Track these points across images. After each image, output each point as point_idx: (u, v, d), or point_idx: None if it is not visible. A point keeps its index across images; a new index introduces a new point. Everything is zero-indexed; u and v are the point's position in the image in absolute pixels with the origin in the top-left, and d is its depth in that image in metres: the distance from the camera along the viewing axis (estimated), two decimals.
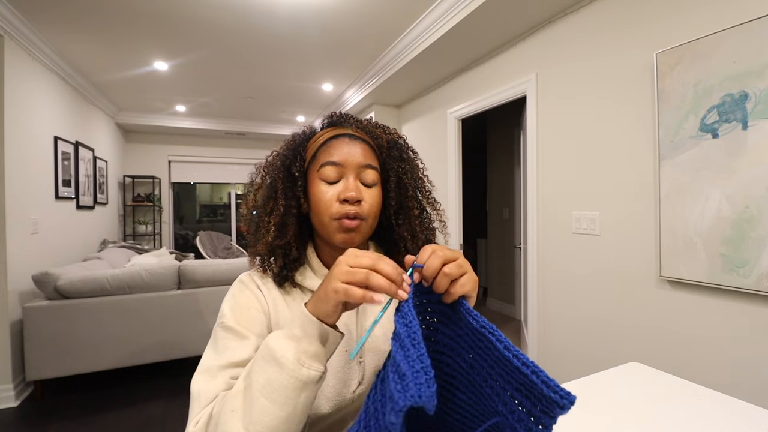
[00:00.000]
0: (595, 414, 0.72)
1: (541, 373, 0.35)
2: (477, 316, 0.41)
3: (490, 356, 0.40)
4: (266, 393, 0.44)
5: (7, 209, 2.19)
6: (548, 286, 2.09)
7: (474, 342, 0.42)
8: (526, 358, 0.36)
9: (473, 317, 0.41)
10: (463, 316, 0.42)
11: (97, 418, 2.07)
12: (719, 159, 1.32)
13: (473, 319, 0.41)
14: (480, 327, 0.40)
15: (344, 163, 0.61)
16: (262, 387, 0.45)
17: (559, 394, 0.34)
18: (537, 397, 0.35)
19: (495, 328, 0.39)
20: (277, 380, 0.44)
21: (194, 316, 2.52)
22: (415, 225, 0.67)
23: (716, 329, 1.36)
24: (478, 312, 0.42)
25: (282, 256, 0.63)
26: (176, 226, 5.59)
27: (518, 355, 0.36)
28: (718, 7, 1.34)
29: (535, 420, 0.36)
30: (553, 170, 2.05)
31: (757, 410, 0.71)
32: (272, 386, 0.44)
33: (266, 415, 0.44)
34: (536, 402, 0.35)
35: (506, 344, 0.38)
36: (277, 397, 0.44)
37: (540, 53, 2.12)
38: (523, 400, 0.37)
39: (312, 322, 0.46)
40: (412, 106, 3.60)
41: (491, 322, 0.40)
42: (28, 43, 2.39)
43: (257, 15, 2.24)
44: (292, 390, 0.44)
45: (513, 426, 0.37)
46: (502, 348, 0.37)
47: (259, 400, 0.44)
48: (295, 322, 0.47)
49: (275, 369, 0.45)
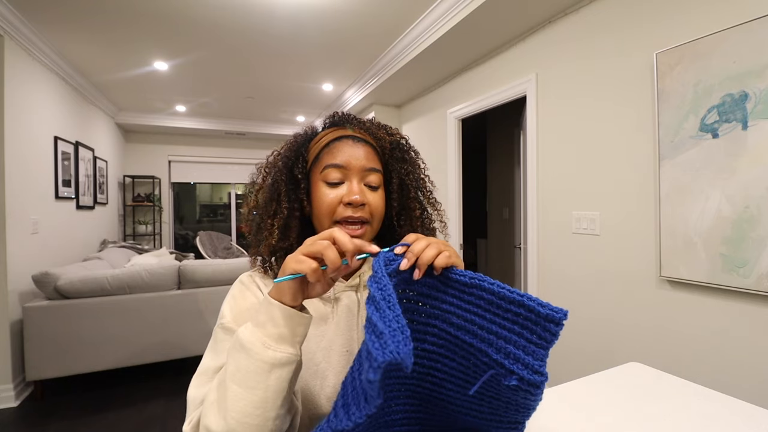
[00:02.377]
0: (595, 414, 0.72)
1: (535, 297, 0.39)
2: (465, 272, 0.44)
3: (481, 305, 0.42)
4: (236, 379, 0.45)
5: (7, 209, 2.19)
6: (548, 286, 2.09)
7: (463, 299, 0.44)
8: (518, 290, 0.40)
9: (461, 275, 0.44)
10: (450, 280, 0.45)
11: (97, 418, 2.07)
12: (719, 159, 1.32)
13: (461, 275, 0.44)
14: (470, 279, 0.43)
15: (348, 165, 0.61)
16: (233, 375, 0.46)
17: (553, 311, 0.38)
18: (532, 324, 0.39)
19: (483, 275, 0.42)
20: (245, 366, 0.45)
21: (194, 316, 2.52)
22: (417, 226, 0.67)
23: (716, 329, 1.36)
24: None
25: (284, 258, 0.63)
26: (176, 226, 5.59)
27: (511, 289, 0.40)
28: (718, 7, 1.34)
29: (530, 355, 0.39)
30: (553, 170, 2.05)
31: (757, 410, 0.71)
32: (241, 372, 0.45)
33: (239, 401, 0.45)
34: (531, 333, 0.39)
35: (498, 284, 0.41)
36: (248, 381, 0.45)
37: (540, 53, 2.12)
38: (517, 338, 0.40)
39: (274, 306, 0.47)
40: (412, 106, 3.60)
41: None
42: (28, 43, 2.38)
43: (257, 15, 2.24)
44: (259, 373, 0.45)
45: (510, 369, 0.39)
46: (496, 287, 0.41)
47: (231, 388, 0.45)
48: (260, 309, 0.48)
49: (243, 356, 0.46)
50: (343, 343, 0.62)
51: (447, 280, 0.45)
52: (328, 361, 0.61)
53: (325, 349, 0.62)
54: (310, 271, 0.44)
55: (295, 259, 0.46)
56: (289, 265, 0.46)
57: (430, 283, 0.46)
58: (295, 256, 0.46)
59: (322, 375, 0.60)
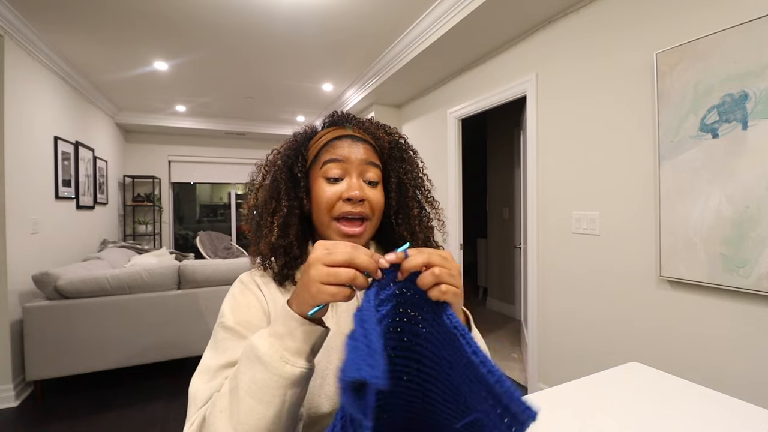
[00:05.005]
0: (595, 414, 0.72)
1: (506, 383, 0.33)
2: (452, 317, 0.41)
3: (460, 361, 0.39)
4: (252, 392, 0.44)
5: (7, 209, 2.19)
6: (548, 286, 2.09)
7: (449, 342, 0.41)
8: (493, 366, 0.35)
9: (448, 316, 0.41)
10: (441, 315, 0.42)
11: (97, 418, 2.07)
12: (719, 159, 1.32)
13: (448, 318, 0.41)
14: (452, 328, 0.40)
15: (347, 161, 0.62)
16: (248, 387, 0.44)
17: (520, 408, 0.32)
18: (500, 407, 0.34)
19: (467, 331, 0.39)
20: (262, 379, 0.44)
21: (194, 316, 2.51)
22: (414, 224, 0.68)
23: (716, 329, 1.36)
24: (455, 315, 0.42)
25: (284, 255, 0.63)
26: (176, 226, 5.59)
27: (485, 361, 0.35)
28: (718, 7, 1.34)
29: (507, 424, 0.34)
30: (553, 170, 2.05)
31: (757, 410, 0.70)
32: (257, 385, 0.44)
33: (253, 414, 0.44)
34: (497, 414, 0.34)
35: (475, 349, 0.37)
36: (263, 396, 0.44)
37: (540, 53, 2.12)
38: (488, 410, 0.35)
39: (295, 320, 0.45)
40: (412, 106, 3.60)
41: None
42: (28, 43, 2.38)
43: (257, 15, 2.24)
44: (277, 388, 0.44)
45: (491, 427, 0.36)
46: (470, 352, 0.36)
47: (245, 400, 0.44)
48: (278, 319, 0.47)
49: (259, 368, 0.44)
50: (343, 342, 0.62)
51: (438, 316, 0.43)
52: (328, 360, 0.61)
53: (325, 348, 0.62)
54: (344, 298, 0.43)
55: (327, 292, 0.42)
56: (320, 297, 0.43)
57: (430, 309, 0.44)
58: (322, 288, 0.42)
59: (321, 374, 0.60)
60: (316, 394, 0.60)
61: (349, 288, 0.43)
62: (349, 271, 0.42)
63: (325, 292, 0.42)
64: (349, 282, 0.42)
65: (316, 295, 0.43)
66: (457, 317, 0.41)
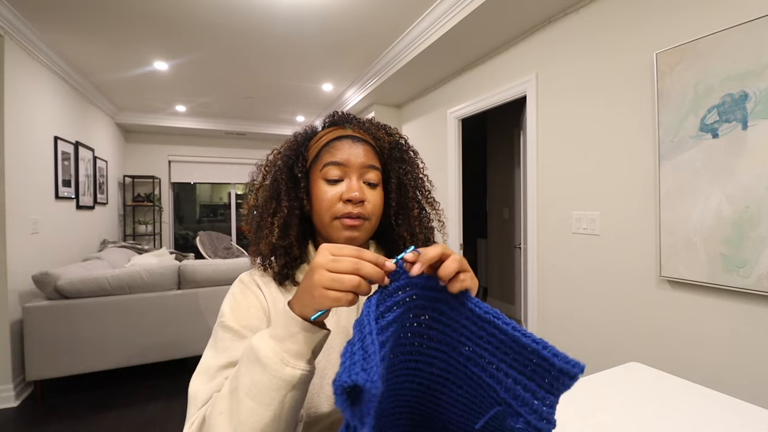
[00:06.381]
0: (595, 414, 0.72)
1: (550, 346, 0.37)
2: (480, 304, 0.42)
3: (493, 342, 0.40)
4: (252, 394, 0.44)
5: (7, 209, 2.19)
6: (548, 286, 2.09)
7: (475, 331, 0.42)
8: (534, 335, 0.37)
9: (476, 305, 0.42)
10: (465, 307, 0.42)
11: (97, 418, 2.07)
12: (719, 159, 1.32)
13: (476, 306, 0.41)
14: (484, 313, 0.41)
15: (347, 163, 0.62)
16: (248, 388, 0.44)
17: (569, 364, 0.35)
18: (544, 372, 0.37)
19: (499, 312, 0.40)
20: (261, 381, 0.44)
21: (194, 316, 2.51)
22: (415, 225, 0.68)
23: (716, 329, 1.36)
24: (480, 300, 0.43)
25: (284, 255, 0.63)
26: (176, 226, 5.59)
27: (526, 334, 0.37)
28: (718, 7, 1.34)
29: (540, 401, 0.37)
30: (553, 170, 2.05)
31: (757, 410, 0.71)
32: (257, 387, 0.44)
33: (253, 416, 0.44)
34: (542, 380, 0.37)
35: (513, 325, 0.39)
36: (263, 398, 0.44)
37: (540, 53, 2.12)
38: (528, 382, 0.38)
39: (296, 322, 0.45)
40: (412, 106, 3.60)
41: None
42: (28, 43, 2.38)
43: (257, 15, 2.24)
44: (277, 390, 0.44)
45: (517, 411, 0.37)
46: (510, 329, 0.38)
47: (245, 402, 0.44)
48: (278, 321, 0.47)
49: (259, 369, 0.44)
50: (342, 341, 0.62)
51: (461, 306, 0.43)
52: (327, 359, 0.61)
53: (324, 347, 0.62)
54: (347, 303, 0.42)
55: (330, 297, 0.42)
56: (323, 302, 0.42)
57: (442, 309, 0.44)
58: (325, 293, 0.42)
59: (321, 373, 0.60)
60: (315, 394, 0.60)
61: (353, 294, 0.42)
62: (353, 278, 0.42)
63: (328, 297, 0.42)
64: (352, 289, 0.42)
65: (319, 300, 0.43)
66: (485, 303, 0.42)
